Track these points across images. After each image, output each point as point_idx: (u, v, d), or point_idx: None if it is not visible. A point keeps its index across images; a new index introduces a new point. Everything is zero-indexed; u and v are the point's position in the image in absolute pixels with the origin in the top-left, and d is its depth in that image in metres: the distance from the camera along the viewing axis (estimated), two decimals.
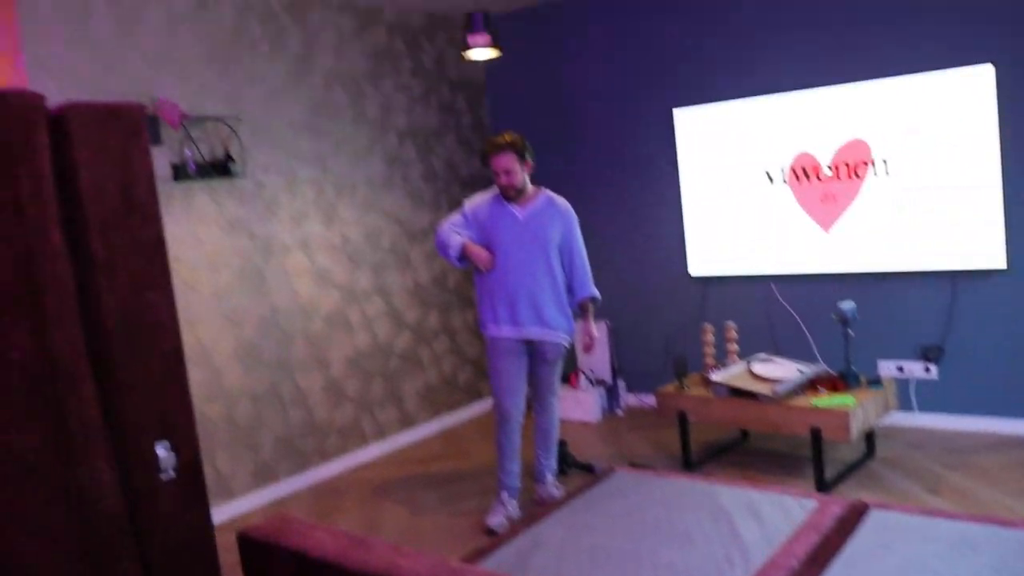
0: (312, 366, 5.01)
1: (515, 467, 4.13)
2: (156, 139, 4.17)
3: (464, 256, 4.01)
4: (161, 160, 4.27)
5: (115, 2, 4.18)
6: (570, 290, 4.15)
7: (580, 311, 4.24)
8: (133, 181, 2.43)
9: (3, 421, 2.29)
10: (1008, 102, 4.40)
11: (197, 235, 4.45)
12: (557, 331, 4.08)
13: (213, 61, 4.57)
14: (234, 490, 4.58)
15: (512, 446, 4.10)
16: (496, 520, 4.02)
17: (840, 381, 4.37)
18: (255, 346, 4.71)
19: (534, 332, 4.04)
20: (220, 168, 4.50)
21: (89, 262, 2.33)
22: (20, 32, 3.87)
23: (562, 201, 4.13)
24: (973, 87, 4.44)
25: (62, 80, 3.98)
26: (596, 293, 4.20)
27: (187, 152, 4.36)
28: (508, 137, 3.95)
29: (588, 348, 4.22)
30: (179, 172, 4.33)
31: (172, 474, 2.42)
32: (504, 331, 4.04)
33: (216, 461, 4.50)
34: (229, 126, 4.59)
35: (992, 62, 4.40)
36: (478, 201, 4.12)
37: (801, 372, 4.46)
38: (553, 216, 4.06)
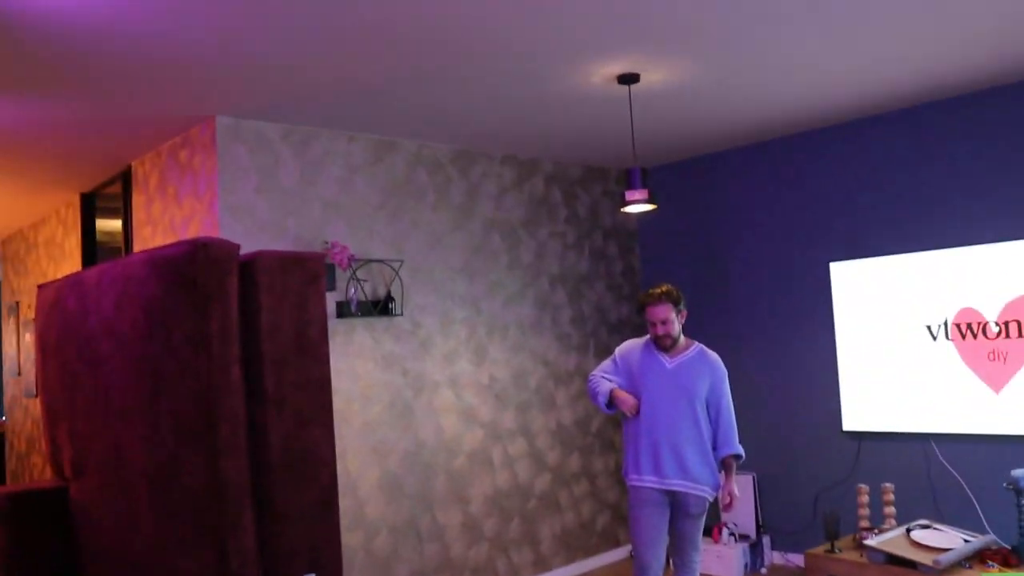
0: (452, 502, 5.09)
1: None
2: (332, 286, 4.50)
3: (611, 402, 4.05)
4: (328, 299, 4.58)
5: (301, 154, 4.62)
6: (714, 446, 4.08)
7: (723, 468, 4.15)
8: (307, 323, 2.65)
9: (171, 543, 2.47)
10: None
11: (354, 369, 4.69)
12: (701, 484, 3.99)
13: (383, 208, 4.93)
14: None
15: None
16: None
17: (1013, 555, 4.04)
18: (398, 479, 4.84)
19: (677, 484, 3.97)
20: (381, 307, 4.77)
21: (261, 397, 2.53)
22: (218, 179, 4.33)
23: (713, 355, 4.12)
24: None
25: (248, 223, 4.38)
26: (740, 451, 4.10)
27: (351, 291, 4.66)
28: (664, 288, 4.03)
29: (728, 507, 4.09)
30: (343, 309, 4.63)
31: None
32: (647, 481, 4.00)
33: None
34: (392, 268, 4.88)
35: None
36: (629, 347, 4.19)
37: (967, 543, 4.16)
38: (702, 369, 4.05)
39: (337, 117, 4.55)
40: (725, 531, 5.56)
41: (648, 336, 4.14)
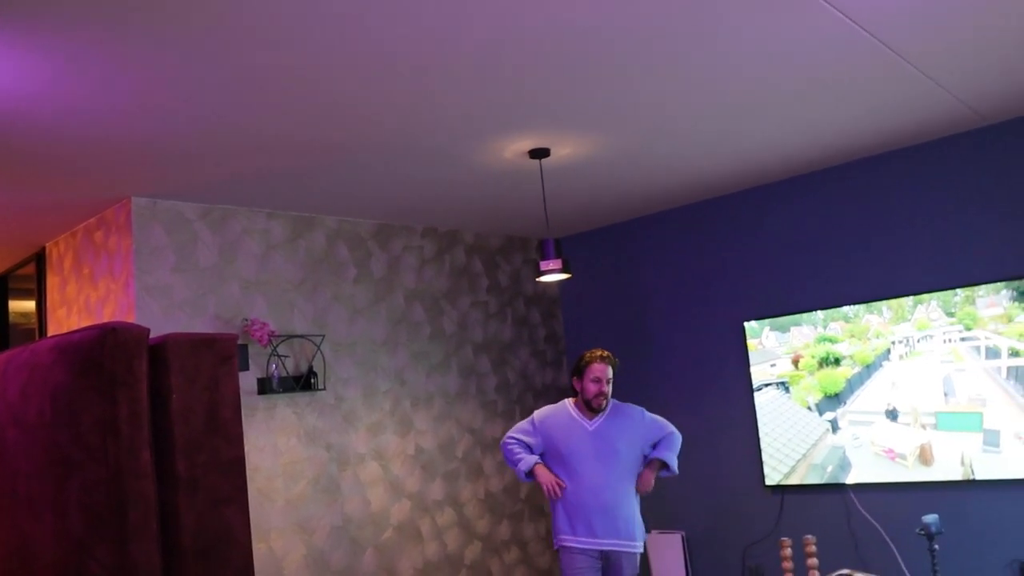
0: None
1: None
2: (245, 365, 4.48)
3: (531, 474, 4.12)
4: (248, 376, 4.56)
5: (219, 232, 4.64)
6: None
7: (648, 464, 4.22)
8: (219, 404, 2.65)
9: None
10: None
11: (276, 446, 4.66)
12: (634, 542, 4.09)
13: (303, 284, 4.96)
14: None
15: None
16: None
17: None
18: (325, 555, 4.78)
19: (610, 544, 4.04)
20: (303, 382, 4.76)
21: (173, 480, 2.51)
22: (133, 259, 4.31)
23: (625, 405, 4.29)
24: None
25: (165, 302, 4.37)
26: (672, 463, 4.21)
27: (273, 367, 4.65)
28: (607, 352, 4.22)
29: (641, 489, 4.18)
30: (264, 386, 4.61)
31: None
32: (582, 542, 4.05)
33: None
34: (314, 343, 4.89)
35: None
36: (547, 413, 4.28)
37: None
38: (622, 424, 4.17)
39: (255, 196, 4.59)
40: None
41: (568, 401, 4.25)
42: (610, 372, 4.17)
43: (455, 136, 3.94)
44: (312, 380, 4.81)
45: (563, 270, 4.30)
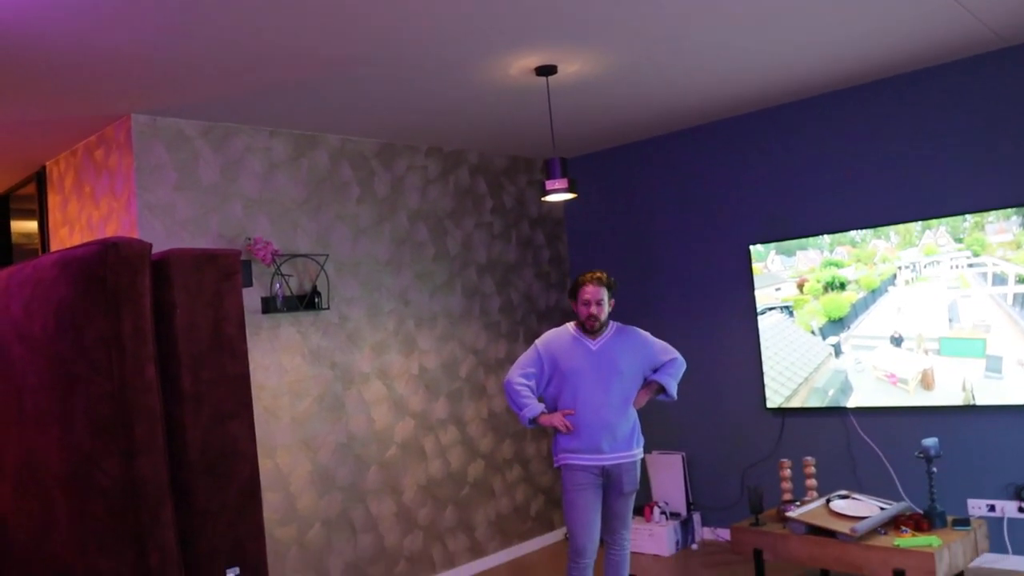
0: (385, 493, 5.11)
1: None
2: (248, 281, 4.46)
3: (535, 422, 4.11)
4: (252, 294, 4.56)
5: (221, 151, 4.58)
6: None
7: (646, 384, 4.25)
8: (224, 320, 2.65)
9: (87, 544, 2.46)
10: None
11: (281, 364, 4.68)
12: (633, 451, 4.15)
13: (306, 203, 4.92)
14: None
15: None
16: None
17: (924, 520, 4.23)
18: (330, 472, 4.85)
19: (610, 458, 4.08)
20: (307, 302, 4.76)
21: (178, 395, 2.53)
22: (135, 178, 4.27)
23: (629, 328, 4.27)
24: None
25: (168, 221, 4.34)
26: (672, 391, 4.24)
27: (277, 287, 4.65)
28: (601, 273, 4.17)
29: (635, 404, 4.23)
30: (268, 305, 4.61)
31: None
32: (583, 459, 4.08)
33: None
34: (318, 262, 4.88)
35: None
36: (551, 337, 4.27)
37: (883, 510, 4.34)
38: (624, 345, 4.17)
39: (257, 113, 4.52)
40: (656, 509, 5.69)
41: (569, 324, 4.26)
42: (603, 294, 4.13)
43: (460, 51, 3.85)
44: (316, 299, 4.81)
45: (569, 190, 4.25)
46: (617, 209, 6.29)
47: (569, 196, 4.32)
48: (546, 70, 4.15)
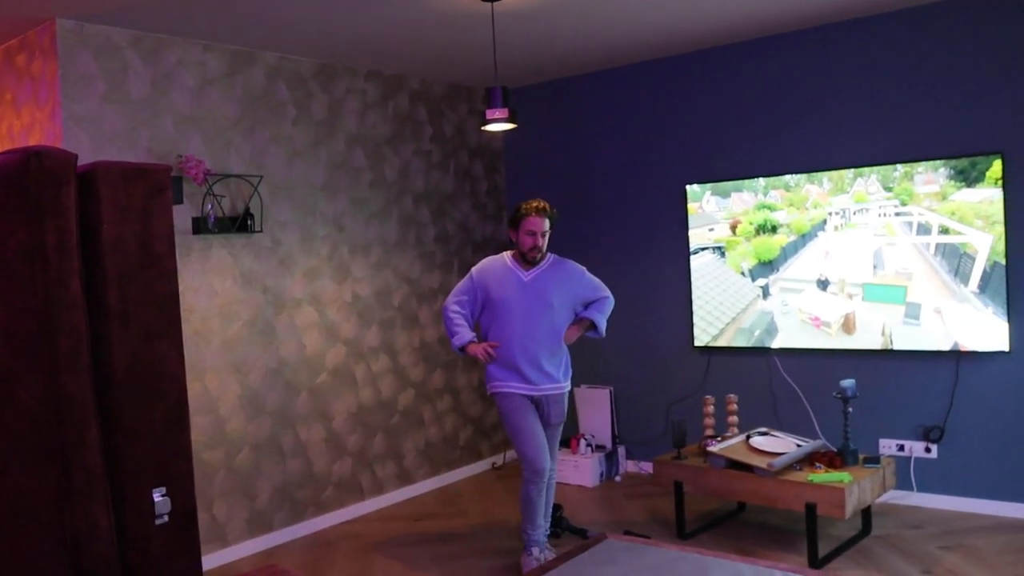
0: (314, 418, 5.11)
1: (544, 521, 4.24)
2: (179, 199, 4.33)
3: (464, 349, 4.20)
4: (183, 214, 4.45)
5: (152, 63, 4.40)
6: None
7: (576, 320, 4.29)
8: (153, 237, 2.58)
9: (9, 462, 2.41)
10: (1014, 191, 4.52)
11: (212, 287, 4.60)
12: (560, 383, 4.23)
13: (240, 122, 4.77)
14: (228, 537, 4.65)
15: (542, 500, 4.20)
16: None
17: (838, 457, 4.41)
18: (259, 396, 4.82)
19: (536, 388, 4.16)
20: (239, 223, 4.66)
21: (104, 312, 2.46)
22: (59, 87, 4.09)
23: (566, 261, 4.31)
24: (982, 174, 4.56)
25: (95, 134, 4.17)
26: (601, 328, 4.30)
27: (208, 207, 4.53)
28: (544, 203, 4.15)
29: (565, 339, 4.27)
30: (199, 226, 4.50)
31: (166, 520, 2.51)
32: (511, 387, 4.16)
33: (213, 508, 4.58)
34: (251, 184, 4.76)
35: (1000, 151, 4.53)
36: (487, 265, 4.29)
37: (799, 447, 4.51)
38: (558, 277, 4.20)
39: (191, 25, 4.34)
40: (582, 442, 5.81)
41: (506, 254, 4.28)
42: (546, 225, 4.15)
43: None
44: (249, 222, 4.71)
45: (509, 120, 4.21)
46: (557, 143, 6.27)
47: (509, 126, 4.29)
48: None
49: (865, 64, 4.97)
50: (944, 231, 4.69)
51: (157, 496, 2.52)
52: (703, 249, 5.52)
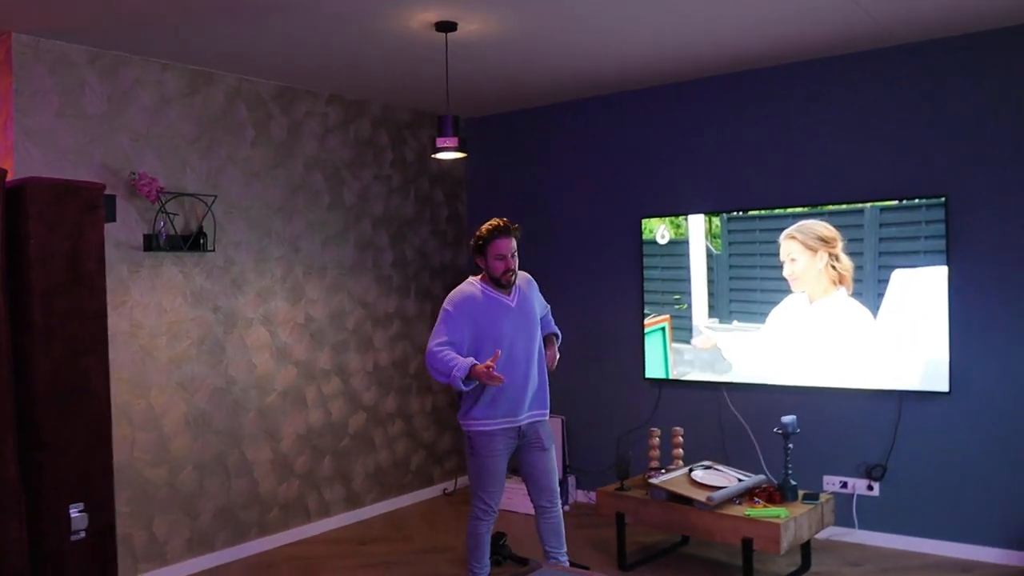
0: (262, 439, 5.10)
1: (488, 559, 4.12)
2: (111, 216, 4.24)
3: (471, 377, 3.74)
4: (134, 231, 4.46)
5: (109, 81, 4.43)
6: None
7: (547, 341, 4.19)
8: (82, 254, 2.60)
9: None
10: (956, 235, 4.62)
11: (161, 304, 4.60)
12: (547, 408, 4.09)
13: (198, 141, 4.81)
14: (168, 556, 4.62)
15: (489, 536, 4.09)
16: None
17: (777, 493, 4.46)
18: (206, 414, 4.82)
19: (528, 416, 3.98)
20: (191, 242, 4.68)
21: (28, 326, 2.48)
22: (13, 101, 4.10)
23: (523, 274, 4.12)
24: (925, 218, 4.66)
25: (47, 148, 4.19)
26: (558, 331, 4.28)
27: (160, 225, 4.55)
28: (506, 222, 3.91)
29: (551, 367, 4.17)
30: (150, 243, 4.52)
31: (83, 536, 2.51)
32: (500, 423, 3.92)
33: (153, 526, 4.56)
34: (205, 203, 4.79)
35: (944, 195, 4.63)
36: (462, 297, 3.94)
37: (740, 481, 4.55)
38: (530, 292, 4.09)
39: (150, 44, 4.38)
40: None
41: (474, 281, 4.01)
42: (514, 244, 3.90)
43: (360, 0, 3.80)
44: (201, 240, 4.73)
45: (459, 148, 4.27)
46: (518, 172, 6.33)
47: (459, 155, 4.34)
48: (446, 26, 4.13)
49: (818, 105, 5.07)
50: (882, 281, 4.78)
51: (74, 512, 2.53)
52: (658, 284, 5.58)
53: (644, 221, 5.62)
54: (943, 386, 4.65)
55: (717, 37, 4.54)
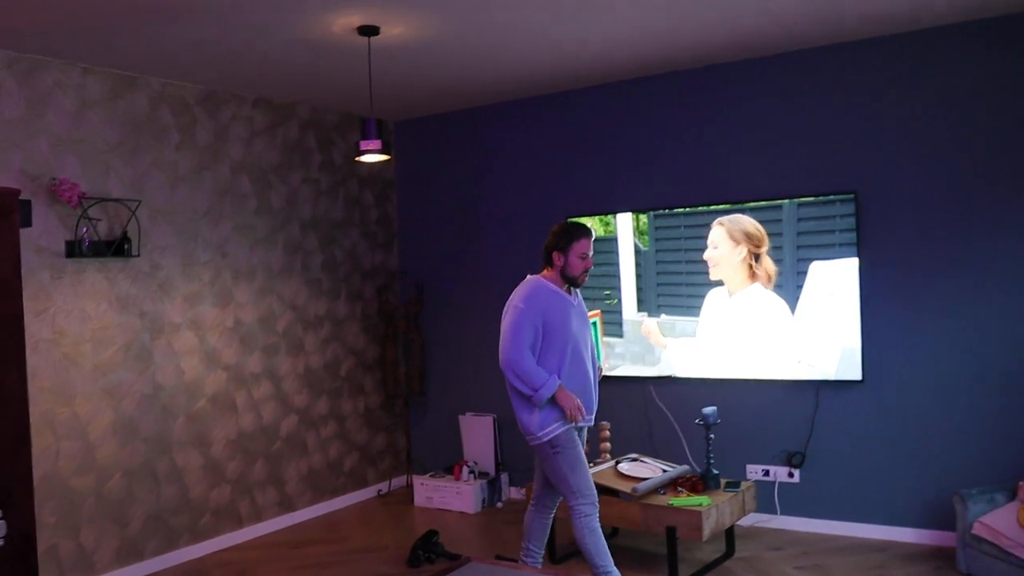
0: (192, 444, 5.08)
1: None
2: (27, 222, 4.18)
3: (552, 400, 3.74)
4: (56, 237, 4.42)
5: (27, 84, 4.37)
6: None
7: None
8: None
9: None
10: (865, 229, 4.82)
11: (85, 310, 4.56)
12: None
13: (121, 146, 4.76)
14: (96, 566, 4.57)
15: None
16: None
17: (700, 482, 4.60)
18: (134, 421, 4.78)
19: (591, 417, 3.98)
20: (115, 248, 4.64)
21: None
22: None
23: None
24: (838, 213, 4.84)
25: None
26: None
27: (83, 230, 4.50)
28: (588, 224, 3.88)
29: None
30: (73, 249, 4.47)
31: (1, 544, 2.51)
32: (571, 424, 3.86)
33: (80, 535, 4.51)
34: (129, 208, 4.75)
35: (854, 192, 4.82)
36: (536, 293, 3.88)
37: (665, 472, 4.68)
38: (581, 299, 4.11)
39: (71, 48, 4.34)
40: (465, 469, 5.89)
41: (542, 278, 3.95)
42: (592, 247, 3.92)
43: (283, 4, 3.82)
44: (126, 246, 4.69)
45: (382, 151, 4.31)
46: (448, 173, 6.40)
47: (382, 157, 4.39)
48: (368, 30, 4.18)
49: (739, 106, 5.22)
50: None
51: None
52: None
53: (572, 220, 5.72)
54: (857, 375, 4.84)
55: (640, 40, 4.66)
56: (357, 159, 4.38)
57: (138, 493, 4.80)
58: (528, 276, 4.00)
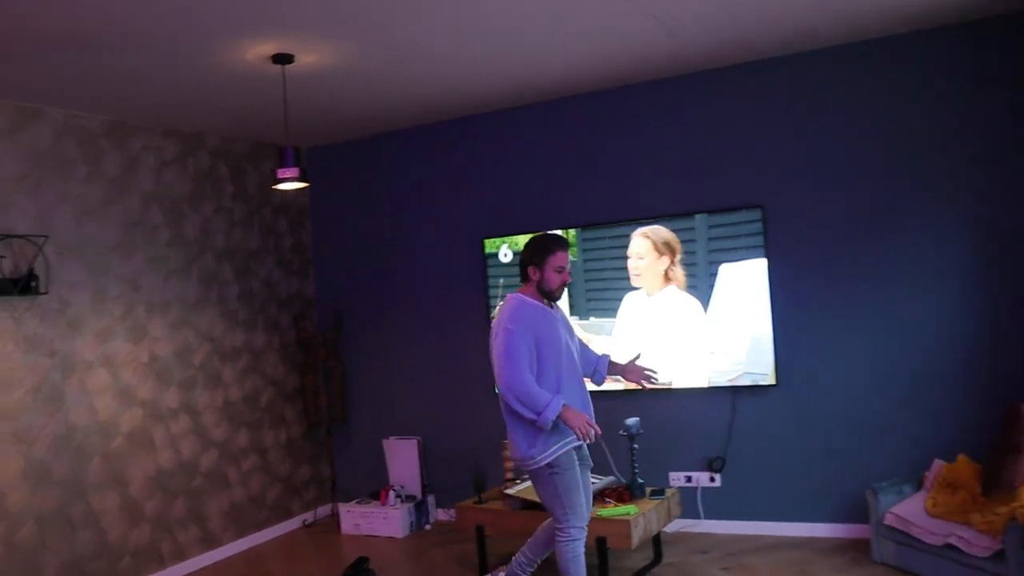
0: (108, 485, 4.92)
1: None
2: None
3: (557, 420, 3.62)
4: None
5: None
6: (594, 368, 4.17)
7: (612, 368, 4.22)
8: None
9: None
10: (772, 241, 5.04)
11: None
12: None
13: (25, 180, 4.62)
14: None
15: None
16: None
17: (626, 492, 4.69)
18: (45, 465, 4.60)
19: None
20: (22, 285, 4.48)
21: None
22: None
23: None
24: (746, 219, 5.04)
25: None
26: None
27: None
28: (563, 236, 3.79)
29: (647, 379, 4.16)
30: None
31: None
32: (571, 444, 3.78)
33: None
34: (35, 244, 4.60)
35: (761, 205, 5.03)
36: (519, 312, 3.74)
37: (593, 484, 4.75)
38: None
39: None
40: (392, 493, 5.86)
41: (522, 295, 3.84)
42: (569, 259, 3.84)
43: (194, 34, 3.80)
44: (33, 283, 4.54)
45: (300, 179, 4.31)
46: (361, 199, 6.40)
47: (300, 185, 4.38)
48: (283, 58, 4.18)
49: (653, 126, 5.39)
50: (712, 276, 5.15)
51: None
52: (503, 299, 5.75)
53: (486, 241, 5.80)
54: (770, 379, 5.04)
55: (551, 64, 4.78)
56: (274, 187, 4.36)
57: (51, 541, 4.61)
58: (508, 295, 3.90)
